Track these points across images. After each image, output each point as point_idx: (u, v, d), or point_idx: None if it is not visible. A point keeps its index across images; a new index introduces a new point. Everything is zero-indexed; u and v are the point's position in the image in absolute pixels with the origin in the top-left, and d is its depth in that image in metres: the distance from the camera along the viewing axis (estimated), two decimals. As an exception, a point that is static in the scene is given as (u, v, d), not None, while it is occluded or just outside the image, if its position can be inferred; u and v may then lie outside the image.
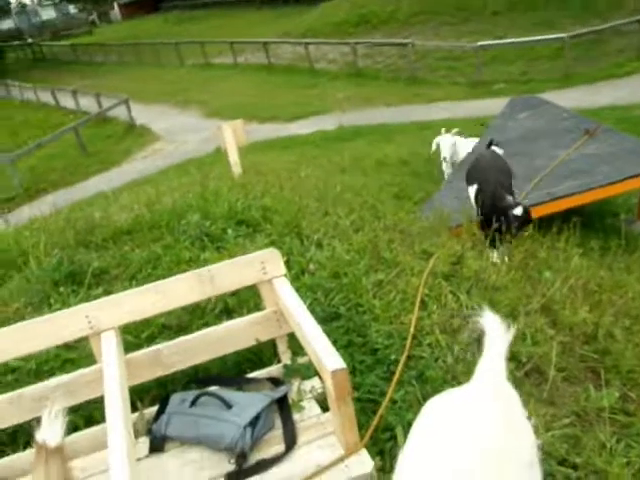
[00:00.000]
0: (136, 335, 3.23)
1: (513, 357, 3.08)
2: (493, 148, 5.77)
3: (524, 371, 3.00)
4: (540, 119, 8.07)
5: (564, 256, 4.56)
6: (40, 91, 23.34)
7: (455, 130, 7.61)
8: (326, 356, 2.09)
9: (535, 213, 5.70)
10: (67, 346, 3.46)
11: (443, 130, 7.70)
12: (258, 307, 3.07)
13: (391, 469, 1.65)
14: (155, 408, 2.68)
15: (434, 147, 7.57)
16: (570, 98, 11.46)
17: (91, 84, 22.94)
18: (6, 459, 2.62)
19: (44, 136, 15.94)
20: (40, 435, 1.56)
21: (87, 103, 19.46)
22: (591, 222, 6.65)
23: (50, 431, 1.56)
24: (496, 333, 1.84)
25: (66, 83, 23.54)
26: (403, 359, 2.90)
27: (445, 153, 7.37)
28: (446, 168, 7.83)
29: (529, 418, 1.73)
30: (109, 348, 2.49)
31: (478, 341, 1.90)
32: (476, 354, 2.91)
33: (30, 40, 41.77)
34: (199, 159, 11.73)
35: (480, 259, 4.04)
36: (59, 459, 1.55)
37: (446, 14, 21.33)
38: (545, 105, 8.74)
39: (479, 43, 14.54)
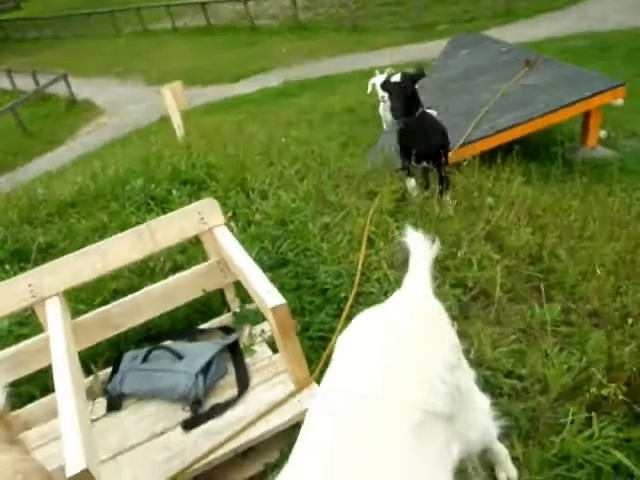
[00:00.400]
0: (88, 303, 3.21)
1: (460, 283, 3.17)
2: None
3: (471, 295, 3.09)
4: (480, 55, 8.09)
5: (509, 186, 4.65)
6: (-27, 73, 22.41)
7: (388, 70, 7.57)
8: (266, 294, 2.11)
9: (480, 147, 5.78)
10: (19, 322, 3.44)
11: (377, 72, 7.64)
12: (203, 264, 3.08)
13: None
14: (109, 370, 2.69)
15: (370, 89, 7.51)
16: (512, 34, 11.50)
17: (26, 62, 22.02)
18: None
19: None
20: None
21: (23, 82, 18.70)
22: (536, 152, 6.76)
23: None
24: (419, 249, 1.89)
25: (-1, 63, 22.59)
26: (352, 294, 2.96)
27: (382, 92, 7.29)
28: (383, 110, 7.78)
29: (454, 324, 1.79)
30: (54, 314, 2.47)
31: (406, 261, 1.94)
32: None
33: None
34: (144, 129, 11.49)
35: (423, 194, 4.10)
36: (2, 423, 1.56)
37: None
38: (485, 41, 8.76)
39: (418, -16, 14.40)
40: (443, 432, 1.44)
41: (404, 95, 3.97)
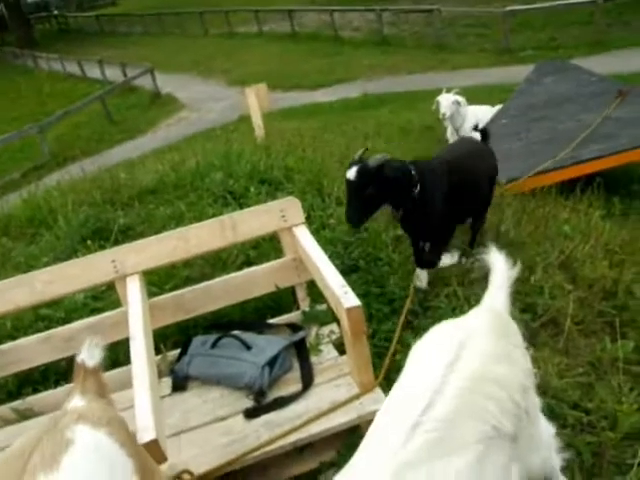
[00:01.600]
0: (160, 287, 3.32)
1: (529, 308, 3.13)
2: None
3: (540, 322, 3.04)
4: (567, 83, 7.89)
5: (586, 218, 4.54)
6: (66, 62, 23.48)
7: (455, 91, 7.50)
8: (342, 295, 2.15)
9: (558, 177, 5.66)
10: (94, 296, 3.60)
11: (444, 89, 7.57)
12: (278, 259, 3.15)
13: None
14: (177, 352, 2.78)
15: (434, 106, 7.44)
16: (600, 64, 11.17)
17: (116, 54, 22.98)
18: (38, 395, 2.76)
19: (71, 106, 16.12)
20: (80, 357, 1.68)
21: (113, 73, 19.54)
22: (616, 187, 6.55)
23: (89, 355, 1.68)
24: (500, 269, 1.88)
25: (91, 54, 23.61)
26: (407, 303, 3.00)
27: (444, 109, 7.19)
28: (448, 130, 7.69)
29: (527, 349, 1.77)
30: (134, 291, 2.58)
31: (485, 278, 1.94)
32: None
33: (56, 12, 41.90)
34: (223, 127, 11.76)
35: (501, 214, 4.05)
36: (95, 379, 1.67)
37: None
38: (572, 69, 8.55)
39: (507, 8, 14.20)
40: (506, 452, 1.43)
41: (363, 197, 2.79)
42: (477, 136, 3.69)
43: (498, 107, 7.66)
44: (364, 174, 2.73)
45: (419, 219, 3.05)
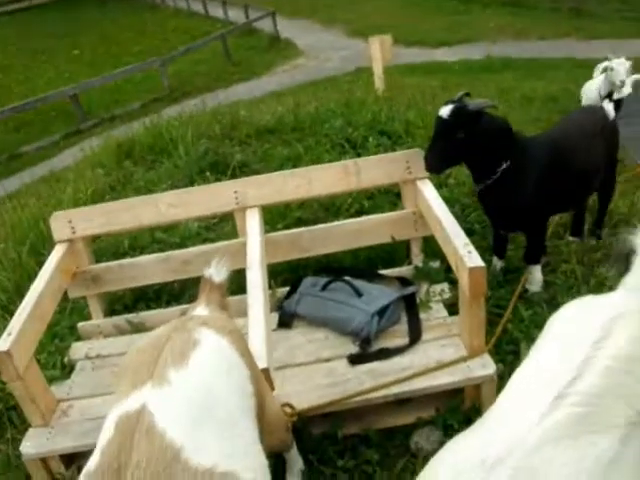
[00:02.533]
0: (272, 226, 3.36)
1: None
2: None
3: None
4: None
5: None
6: (192, 0, 23.99)
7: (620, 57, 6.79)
8: (466, 254, 2.07)
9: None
10: (207, 227, 3.71)
11: (610, 57, 6.77)
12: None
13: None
14: (286, 289, 2.82)
15: (598, 72, 6.65)
16: None
17: (240, -5, 23.19)
18: (151, 312, 2.90)
19: (193, 43, 16.50)
20: (207, 272, 1.74)
21: (235, 14, 19.77)
22: None
23: (216, 271, 1.74)
24: None
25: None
26: (525, 275, 2.86)
27: (622, 76, 6.34)
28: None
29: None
30: (253, 223, 2.62)
31: (627, 259, 1.79)
32: (613, 287, 2.81)
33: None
34: (340, 76, 11.68)
35: (633, 195, 3.77)
36: (219, 293, 1.74)
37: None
38: None
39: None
40: None
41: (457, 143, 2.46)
42: (610, 107, 3.26)
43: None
44: (459, 115, 2.42)
45: (501, 200, 2.64)
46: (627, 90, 6.14)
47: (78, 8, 29.34)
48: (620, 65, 6.27)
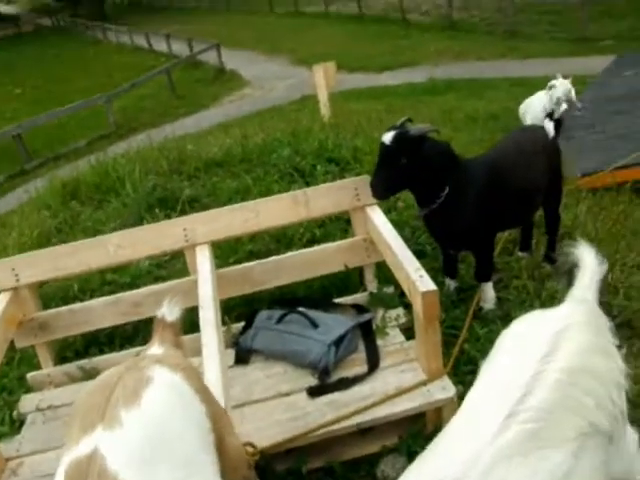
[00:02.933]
0: (224, 260, 3.33)
1: (603, 308, 2.98)
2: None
3: (614, 323, 2.89)
4: (649, 77, 7.57)
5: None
6: (135, 35, 23.91)
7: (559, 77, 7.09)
8: (418, 279, 2.09)
9: (637, 174, 5.41)
10: (158, 264, 3.64)
11: (558, 75, 7.05)
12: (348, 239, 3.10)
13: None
14: (241, 324, 2.78)
15: (546, 90, 6.89)
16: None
17: (183, 29, 23.26)
18: (104, 357, 2.82)
19: (137, 78, 16.41)
20: (160, 312, 1.75)
21: (179, 47, 19.79)
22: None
23: (169, 311, 1.75)
24: (590, 263, 1.79)
25: (159, 28, 24.00)
26: (478, 293, 2.90)
27: (561, 94, 6.63)
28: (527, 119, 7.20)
29: (619, 347, 1.68)
30: (203, 260, 2.58)
31: (570, 273, 1.85)
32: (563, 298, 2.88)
33: (127, -15, 42.71)
34: (286, 105, 11.78)
35: (575, 208, 3.89)
36: (173, 332, 1.73)
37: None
38: (656, 63, 8.18)
39: (586, -4, 13.63)
40: (603, 450, 1.36)
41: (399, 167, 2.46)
42: (550, 126, 3.35)
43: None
44: (401, 141, 2.43)
45: (445, 222, 2.67)
46: (562, 107, 6.41)
47: (18, 45, 28.93)
48: (562, 85, 6.58)
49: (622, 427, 1.51)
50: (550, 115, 3.49)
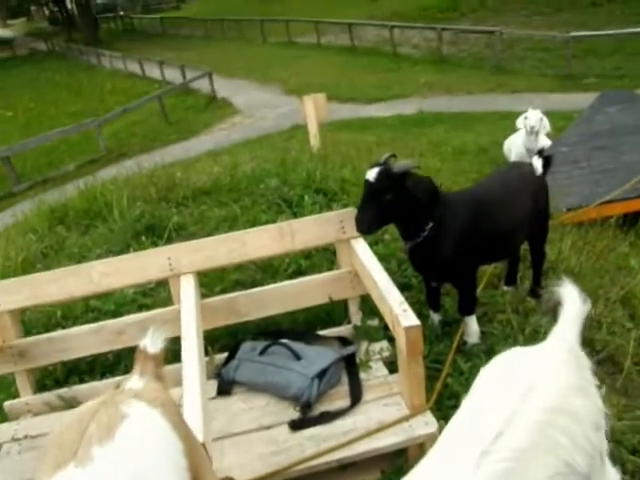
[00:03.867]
0: (210, 289, 3.32)
1: (587, 343, 3.00)
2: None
3: (597, 359, 2.91)
4: (632, 114, 7.70)
5: (649, 254, 4.38)
6: (128, 61, 24.08)
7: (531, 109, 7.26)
8: (401, 313, 2.09)
9: (622, 209, 5.49)
10: (143, 293, 3.62)
11: (530, 108, 7.25)
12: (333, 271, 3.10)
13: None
14: (224, 355, 2.76)
15: (518, 121, 7.09)
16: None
17: (176, 56, 23.46)
18: (84, 385, 2.78)
19: (130, 103, 16.51)
20: (142, 343, 1.72)
21: (172, 74, 19.95)
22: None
23: (151, 342, 1.71)
24: (573, 302, 1.80)
25: (153, 54, 24.18)
26: (461, 327, 2.90)
27: (534, 122, 6.79)
28: (513, 154, 7.37)
29: (599, 387, 1.68)
30: (188, 290, 2.57)
31: (555, 310, 1.86)
32: (548, 334, 2.89)
33: (122, 13, 43.14)
34: (276, 134, 11.87)
35: (560, 243, 3.92)
36: (155, 364, 1.69)
37: (540, 3, 20.66)
38: (639, 100, 8.34)
39: (572, 34, 13.92)
40: None
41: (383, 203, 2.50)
42: (538, 164, 3.38)
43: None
44: (385, 178, 2.48)
45: (428, 256, 2.69)
46: (546, 142, 6.52)
47: (11, 68, 29.06)
48: (533, 114, 6.73)
49: (601, 468, 1.50)
50: (540, 152, 3.55)
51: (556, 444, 1.33)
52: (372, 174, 2.50)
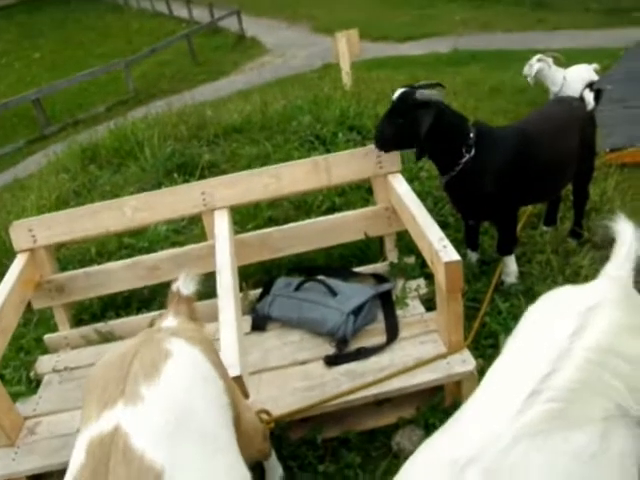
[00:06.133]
0: (242, 226, 3.28)
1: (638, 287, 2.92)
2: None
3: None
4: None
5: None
6: (155, 0, 23.64)
7: (551, 53, 6.99)
8: (441, 249, 2.02)
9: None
10: (176, 230, 3.61)
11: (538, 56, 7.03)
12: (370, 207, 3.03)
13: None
14: (258, 291, 2.74)
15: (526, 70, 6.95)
16: None
17: (205, -6, 22.95)
18: (120, 320, 2.80)
19: (157, 43, 16.24)
20: (175, 285, 1.73)
21: (200, 14, 19.49)
22: None
23: (184, 285, 1.72)
24: (628, 237, 1.70)
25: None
26: (500, 266, 2.83)
27: (525, 71, 6.73)
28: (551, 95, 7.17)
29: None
30: (222, 225, 2.54)
31: (608, 246, 1.76)
32: (589, 276, 2.79)
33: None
34: (307, 73, 11.58)
35: (604, 182, 3.78)
36: (188, 305, 1.71)
37: None
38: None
39: (619, -34, 13.16)
40: (633, 436, 1.29)
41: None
42: (590, 97, 3.26)
43: (594, 66, 7.05)
44: (404, 101, 2.44)
45: (466, 190, 2.61)
46: (593, 77, 6.24)
47: (39, 10, 28.78)
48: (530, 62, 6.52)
49: None
50: (590, 85, 3.38)
51: (608, 386, 1.26)
52: (396, 94, 2.49)
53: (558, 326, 1.36)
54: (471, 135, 2.51)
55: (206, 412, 1.26)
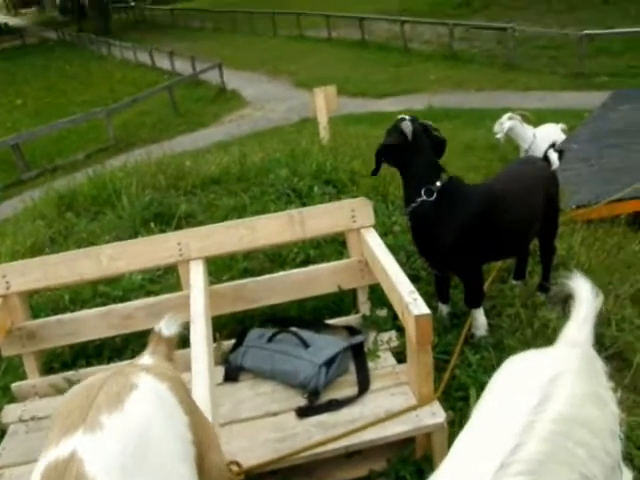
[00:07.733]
0: (217, 276, 3.31)
1: (596, 340, 2.98)
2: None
3: (606, 355, 2.90)
4: (645, 113, 7.66)
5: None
6: (138, 51, 24.06)
7: (520, 112, 7.30)
8: (411, 302, 2.08)
9: (633, 207, 5.44)
10: (151, 279, 3.62)
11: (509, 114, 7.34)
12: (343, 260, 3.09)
13: (461, 425, 1.63)
14: (232, 342, 2.76)
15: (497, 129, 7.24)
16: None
17: (187, 47, 23.44)
18: (91, 369, 2.78)
19: (139, 93, 16.50)
20: (157, 326, 1.75)
21: (182, 66, 19.93)
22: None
23: (166, 326, 1.74)
24: (585, 298, 1.76)
25: (163, 45, 24.14)
26: (469, 319, 2.89)
27: (495, 129, 7.04)
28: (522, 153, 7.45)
29: (614, 390, 1.65)
30: (197, 276, 2.57)
31: (564, 304, 1.83)
32: (557, 328, 2.86)
33: (133, 3, 43.09)
34: (285, 126, 11.84)
35: (570, 238, 3.90)
36: (167, 346, 1.71)
37: (552, 1, 20.53)
38: (652, 100, 8.29)
39: (584, 32, 13.80)
40: None
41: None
42: (554, 157, 3.43)
43: (561, 125, 7.37)
44: (399, 120, 2.68)
45: (427, 234, 2.70)
46: (560, 136, 6.51)
47: (23, 57, 29.10)
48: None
49: (617, 475, 1.47)
50: (552, 145, 3.55)
51: (572, 456, 1.30)
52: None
53: (522, 398, 1.40)
54: (437, 183, 2.61)
55: (166, 446, 1.29)
